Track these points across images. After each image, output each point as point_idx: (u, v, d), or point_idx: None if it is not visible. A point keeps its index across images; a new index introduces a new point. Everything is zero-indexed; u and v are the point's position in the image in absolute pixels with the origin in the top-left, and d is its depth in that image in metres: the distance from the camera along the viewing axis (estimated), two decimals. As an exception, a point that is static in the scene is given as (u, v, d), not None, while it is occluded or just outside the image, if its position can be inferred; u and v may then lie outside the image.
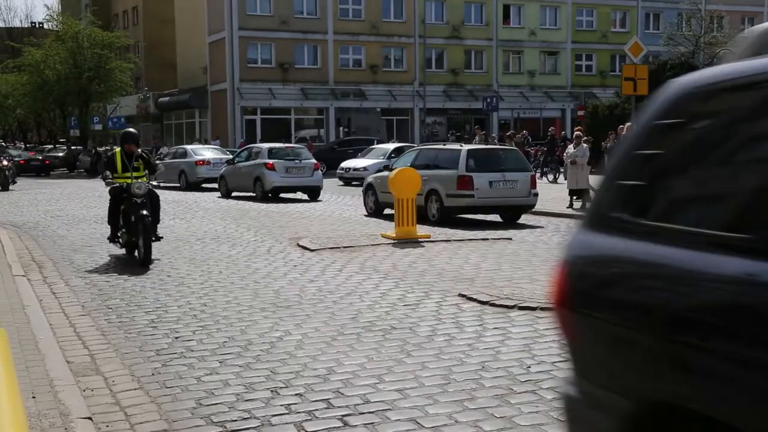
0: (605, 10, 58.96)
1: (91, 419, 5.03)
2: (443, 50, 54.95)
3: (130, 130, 13.13)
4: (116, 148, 12.74)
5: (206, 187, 29.09)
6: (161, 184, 23.32)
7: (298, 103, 51.39)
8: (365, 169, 29.04)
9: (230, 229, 16.21)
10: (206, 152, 32.04)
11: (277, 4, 50.57)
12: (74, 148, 51.55)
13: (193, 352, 6.72)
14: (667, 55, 45.72)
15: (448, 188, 16.70)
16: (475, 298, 8.58)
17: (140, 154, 12.12)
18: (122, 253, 12.19)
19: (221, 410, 5.27)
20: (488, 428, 4.86)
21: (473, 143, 31.95)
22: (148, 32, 63.28)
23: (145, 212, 11.37)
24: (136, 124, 61.44)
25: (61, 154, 50.97)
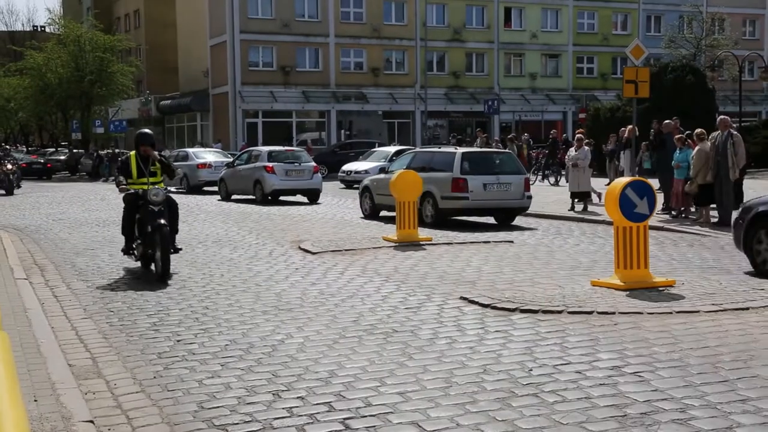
0: (606, 12, 58.97)
1: (92, 422, 5.04)
2: (444, 53, 54.99)
3: (145, 130, 11.59)
4: (130, 152, 11.31)
5: (207, 190, 29.12)
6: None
7: (299, 106, 51.43)
8: (366, 172, 29.01)
9: (232, 232, 16.21)
10: (208, 155, 32.18)
11: (278, 7, 50.63)
12: (76, 151, 51.65)
13: (194, 355, 6.72)
14: (668, 57, 45.74)
15: (443, 190, 16.80)
16: (476, 301, 8.57)
17: (158, 157, 11.07)
18: (137, 265, 11.26)
19: (223, 413, 5.27)
20: (490, 431, 4.86)
21: (474, 146, 32.08)
22: (149, 35, 63.37)
23: (162, 221, 10.43)
24: (137, 127, 61.33)
25: (63, 157, 51.04)
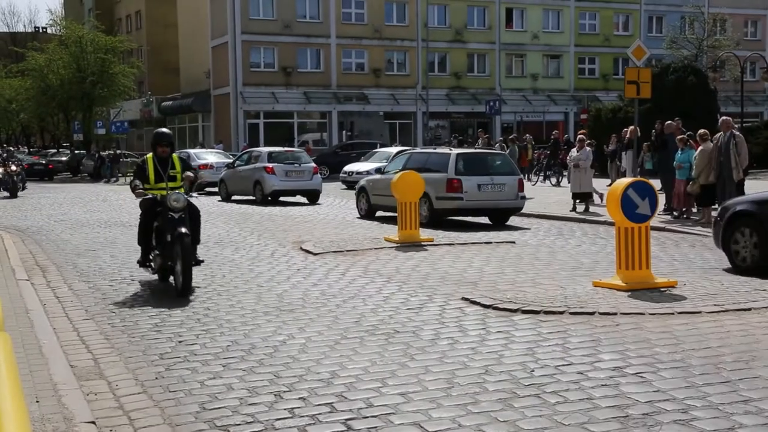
0: (608, 13, 58.95)
1: (94, 423, 5.04)
2: (446, 54, 54.98)
3: (163, 129, 10.44)
4: (147, 154, 10.26)
5: (208, 191, 29.12)
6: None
7: (301, 107, 51.44)
8: (368, 172, 29.00)
9: (233, 232, 16.21)
10: (209, 156, 32.21)
11: (279, 8, 50.63)
12: (78, 152, 51.67)
13: (196, 356, 6.72)
14: (670, 58, 45.75)
15: (437, 191, 16.86)
16: (478, 301, 8.57)
17: (179, 158, 10.14)
18: (154, 278, 10.34)
19: (225, 414, 5.27)
20: (492, 432, 4.86)
21: (476, 147, 32.10)
22: (151, 36, 63.41)
23: (184, 230, 9.35)
24: (139, 128, 61.73)
25: (64, 158, 51.09)
